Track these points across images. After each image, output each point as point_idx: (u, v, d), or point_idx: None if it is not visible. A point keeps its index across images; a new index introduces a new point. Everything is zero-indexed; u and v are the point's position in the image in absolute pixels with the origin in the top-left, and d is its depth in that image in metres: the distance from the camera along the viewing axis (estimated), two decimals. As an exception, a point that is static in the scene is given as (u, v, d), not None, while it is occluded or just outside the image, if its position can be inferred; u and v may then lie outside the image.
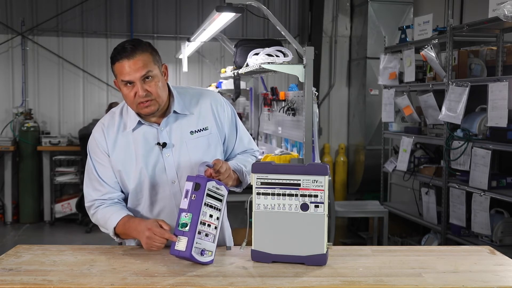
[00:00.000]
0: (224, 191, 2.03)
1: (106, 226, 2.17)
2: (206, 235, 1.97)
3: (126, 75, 2.05)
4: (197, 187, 1.97)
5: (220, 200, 2.02)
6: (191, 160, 2.16)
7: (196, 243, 1.94)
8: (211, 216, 1.99)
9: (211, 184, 1.99)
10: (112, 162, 2.18)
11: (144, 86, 2.06)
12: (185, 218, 1.95)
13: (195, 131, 2.20)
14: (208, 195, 1.98)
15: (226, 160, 2.32)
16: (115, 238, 2.19)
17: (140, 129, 2.18)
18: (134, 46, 2.05)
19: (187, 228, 1.94)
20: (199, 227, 1.95)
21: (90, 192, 2.22)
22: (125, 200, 2.26)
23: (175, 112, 2.19)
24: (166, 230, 1.98)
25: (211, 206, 1.99)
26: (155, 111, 2.12)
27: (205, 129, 2.22)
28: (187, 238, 1.93)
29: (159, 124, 2.17)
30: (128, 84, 2.07)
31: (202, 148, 2.20)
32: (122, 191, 2.23)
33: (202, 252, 1.95)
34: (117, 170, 2.18)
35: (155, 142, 2.16)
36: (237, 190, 2.29)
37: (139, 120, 2.16)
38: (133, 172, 2.16)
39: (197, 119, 2.22)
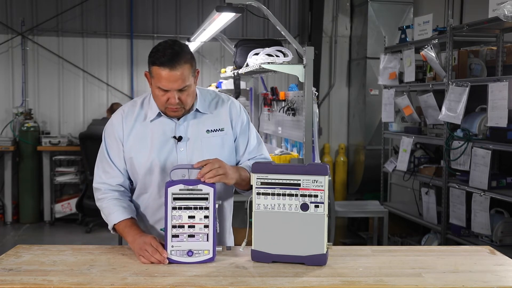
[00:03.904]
0: (206, 189, 2.01)
1: (108, 218, 2.22)
2: (191, 236, 1.99)
3: (163, 83, 2.08)
4: (165, 192, 2.01)
5: (205, 199, 2.01)
6: (204, 157, 2.16)
7: (173, 246, 1.99)
8: (192, 217, 2.00)
9: (177, 188, 1.99)
10: (124, 149, 2.23)
11: (178, 95, 2.11)
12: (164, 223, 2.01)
13: (211, 130, 2.25)
14: (178, 198, 1.99)
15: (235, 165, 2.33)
16: (111, 230, 2.25)
17: (158, 120, 2.22)
18: (177, 56, 2.06)
19: (164, 233, 2.01)
20: (174, 231, 1.99)
21: (99, 174, 2.28)
22: (132, 190, 2.31)
23: (196, 110, 2.23)
24: (157, 252, 1.99)
25: (188, 208, 2.00)
26: (181, 115, 2.20)
27: (221, 130, 2.26)
28: (164, 242, 2.01)
29: (178, 118, 2.21)
30: (162, 89, 2.10)
31: (216, 147, 2.23)
32: (130, 180, 2.28)
33: (189, 253, 1.98)
34: (129, 157, 2.23)
35: (172, 135, 2.20)
36: (247, 194, 2.24)
37: (159, 112, 2.21)
38: (145, 161, 2.20)
39: (214, 119, 2.26)
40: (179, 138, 2.20)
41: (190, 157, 2.19)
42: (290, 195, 1.98)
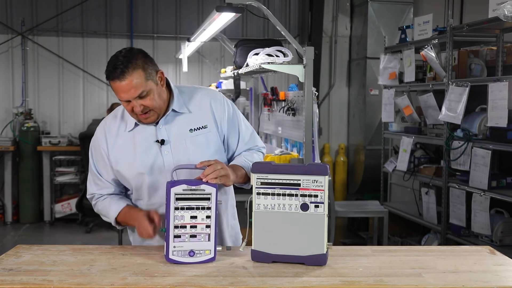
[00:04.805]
0: (208, 189, 2.01)
1: (108, 216, 2.28)
2: (193, 236, 1.99)
3: (120, 95, 2.09)
4: (167, 193, 2.01)
5: (207, 199, 2.01)
6: (190, 158, 2.17)
7: (174, 247, 1.98)
8: (194, 217, 2.00)
9: (180, 188, 1.99)
10: (111, 161, 2.24)
11: (139, 102, 2.09)
12: (165, 223, 2.01)
13: (194, 129, 2.22)
14: (180, 199, 1.99)
15: (231, 158, 2.33)
16: (116, 226, 2.29)
17: (139, 128, 2.22)
18: (125, 67, 2.04)
19: (166, 233, 2.01)
20: (176, 231, 1.99)
21: (91, 186, 2.34)
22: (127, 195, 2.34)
23: (173, 110, 2.21)
24: (153, 223, 2.09)
25: (190, 208, 2.00)
26: (156, 120, 2.19)
27: (204, 127, 2.24)
28: (165, 243, 2.00)
29: (156, 123, 2.20)
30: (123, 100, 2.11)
31: (201, 146, 2.21)
32: (123, 187, 2.31)
33: (190, 253, 1.98)
34: (116, 170, 2.24)
35: (154, 140, 2.19)
36: (246, 187, 2.28)
37: (135, 122, 2.21)
38: (132, 170, 2.21)
39: (196, 117, 2.24)
40: (162, 142, 2.18)
41: (176, 158, 2.18)
42: (290, 195, 1.98)
